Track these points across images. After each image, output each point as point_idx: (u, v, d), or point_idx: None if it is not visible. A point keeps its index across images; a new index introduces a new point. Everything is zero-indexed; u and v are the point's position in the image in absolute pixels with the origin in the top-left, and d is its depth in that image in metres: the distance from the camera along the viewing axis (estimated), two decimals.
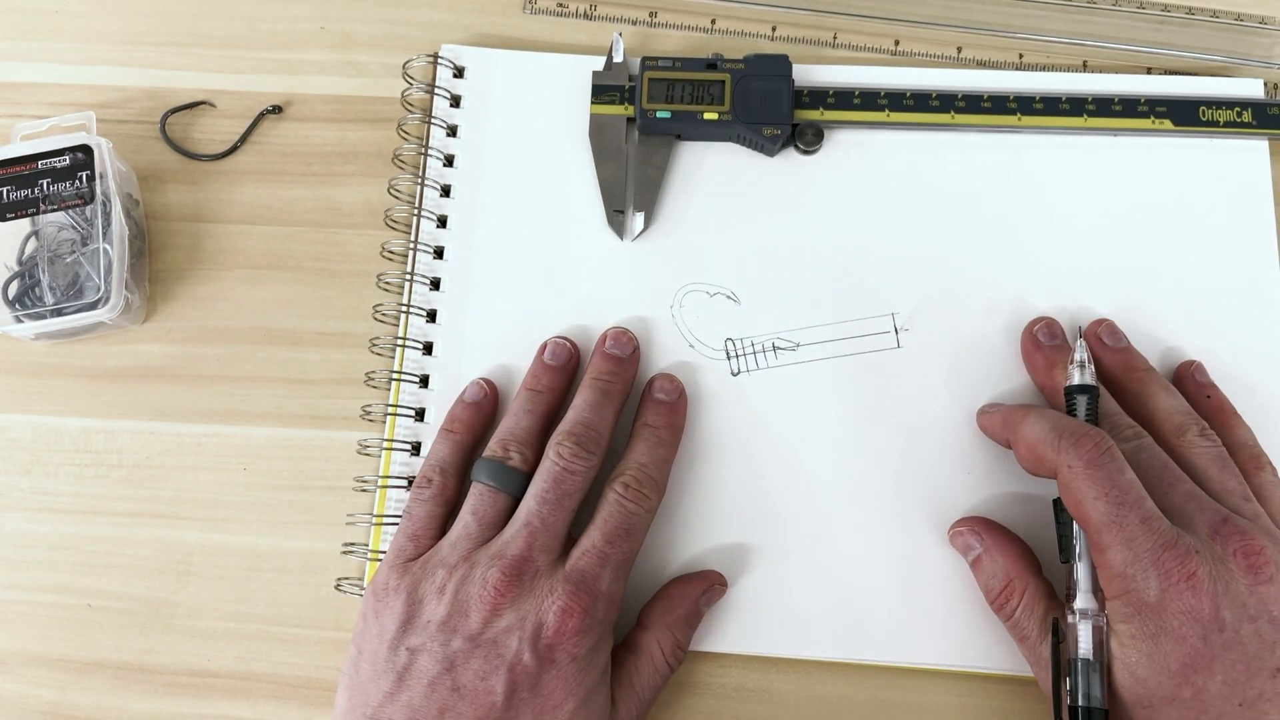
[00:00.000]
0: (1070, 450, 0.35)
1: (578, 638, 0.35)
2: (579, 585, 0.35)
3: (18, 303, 0.43)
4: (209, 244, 0.46)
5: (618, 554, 0.37)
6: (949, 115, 0.45)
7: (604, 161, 0.45)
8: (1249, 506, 0.36)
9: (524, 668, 0.34)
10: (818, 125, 0.45)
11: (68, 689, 0.41)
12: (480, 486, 0.39)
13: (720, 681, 0.40)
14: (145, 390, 0.44)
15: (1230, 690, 0.32)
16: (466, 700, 0.34)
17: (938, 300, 0.44)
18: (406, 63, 0.47)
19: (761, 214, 0.45)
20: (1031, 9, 0.49)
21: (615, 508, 0.38)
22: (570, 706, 0.35)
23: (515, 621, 0.35)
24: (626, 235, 0.45)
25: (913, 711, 0.40)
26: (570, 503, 0.38)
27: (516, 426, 0.40)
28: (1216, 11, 0.49)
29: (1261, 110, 0.46)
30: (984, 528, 0.39)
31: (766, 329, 0.44)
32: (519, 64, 0.48)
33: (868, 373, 0.43)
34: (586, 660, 0.35)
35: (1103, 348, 0.42)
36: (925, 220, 0.45)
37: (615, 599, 0.37)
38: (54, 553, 0.42)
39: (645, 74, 0.46)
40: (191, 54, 0.49)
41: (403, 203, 0.46)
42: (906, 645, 0.40)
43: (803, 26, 0.49)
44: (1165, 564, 0.33)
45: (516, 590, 0.35)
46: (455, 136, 0.47)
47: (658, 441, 0.40)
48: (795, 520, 0.41)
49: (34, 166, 0.44)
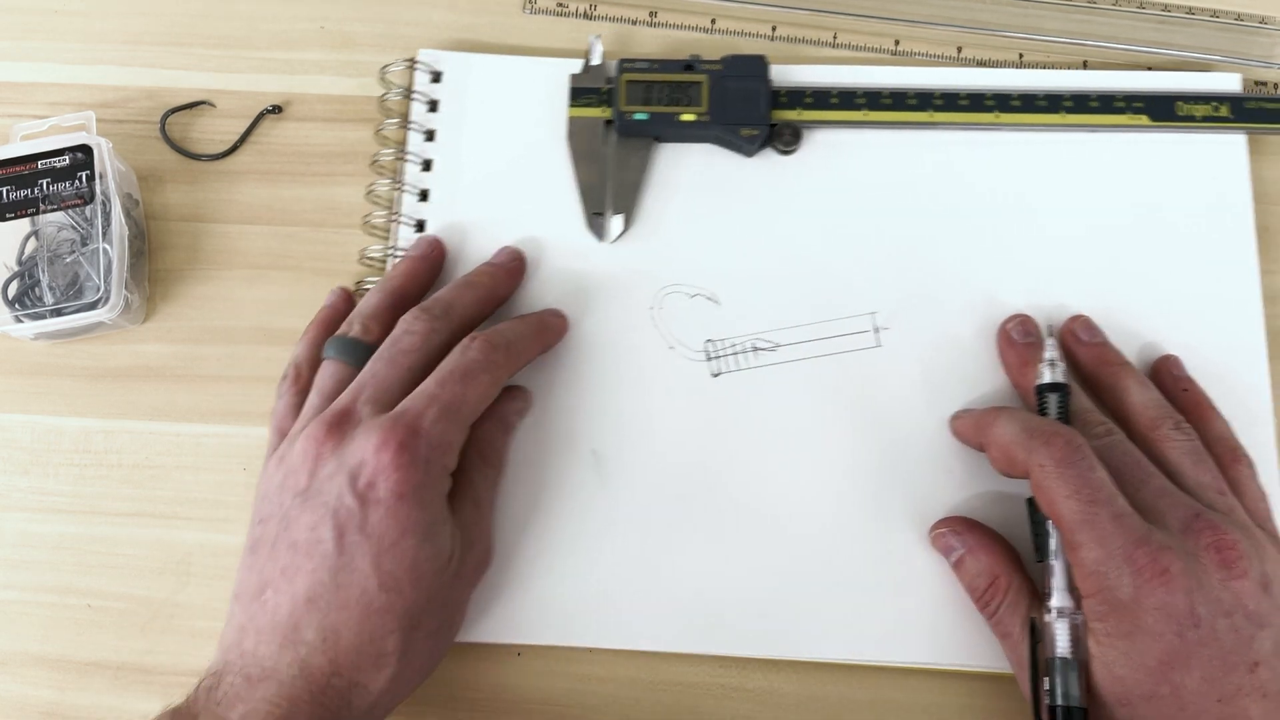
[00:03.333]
0: (1041, 450, 0.35)
1: (397, 474, 0.34)
2: (396, 421, 0.35)
3: (17, 303, 0.43)
4: (209, 244, 0.46)
5: (446, 394, 0.36)
6: (927, 114, 0.45)
7: (582, 164, 0.45)
8: (1223, 500, 0.36)
9: (347, 510, 0.34)
10: (795, 125, 0.45)
11: (68, 689, 0.41)
12: (325, 362, 0.39)
13: (720, 681, 0.40)
14: (145, 390, 0.44)
15: (1208, 686, 0.32)
16: (302, 553, 0.34)
17: (917, 299, 0.44)
18: (384, 67, 0.47)
19: (741, 215, 0.45)
20: (1031, 9, 0.49)
21: (455, 354, 0.38)
22: (410, 543, 0.34)
23: (336, 468, 0.35)
24: (606, 237, 0.45)
25: (913, 711, 0.40)
26: (405, 360, 0.38)
27: (364, 304, 0.41)
28: (1216, 11, 0.49)
29: (1239, 104, 0.45)
30: (964, 527, 0.39)
31: (746, 330, 0.43)
32: (497, 67, 0.47)
33: (848, 373, 0.43)
34: (417, 497, 0.35)
35: (1078, 343, 0.42)
36: (904, 219, 0.45)
37: (444, 440, 0.36)
38: (54, 553, 0.42)
39: (623, 76, 0.45)
40: (191, 54, 0.49)
41: (381, 207, 0.45)
42: (890, 644, 0.40)
43: (803, 26, 0.49)
44: (1138, 561, 0.33)
45: (336, 438, 0.35)
46: (433, 141, 0.46)
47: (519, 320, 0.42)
48: (776, 520, 0.41)
49: (34, 166, 0.44)
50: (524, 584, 0.40)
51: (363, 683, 0.34)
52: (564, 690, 0.40)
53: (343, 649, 0.33)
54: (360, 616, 0.34)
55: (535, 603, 0.40)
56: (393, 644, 0.34)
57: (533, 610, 0.40)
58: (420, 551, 0.35)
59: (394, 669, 0.34)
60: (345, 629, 0.34)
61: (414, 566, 0.34)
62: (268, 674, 0.33)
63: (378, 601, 0.34)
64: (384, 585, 0.34)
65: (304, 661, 0.33)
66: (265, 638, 0.34)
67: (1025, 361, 0.40)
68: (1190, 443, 0.37)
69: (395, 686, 0.35)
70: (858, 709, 0.40)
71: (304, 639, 0.33)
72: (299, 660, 0.33)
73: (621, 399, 0.43)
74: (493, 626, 0.40)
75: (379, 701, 0.34)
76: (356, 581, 0.34)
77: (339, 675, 0.33)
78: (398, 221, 0.45)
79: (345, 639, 0.34)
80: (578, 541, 0.41)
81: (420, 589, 0.35)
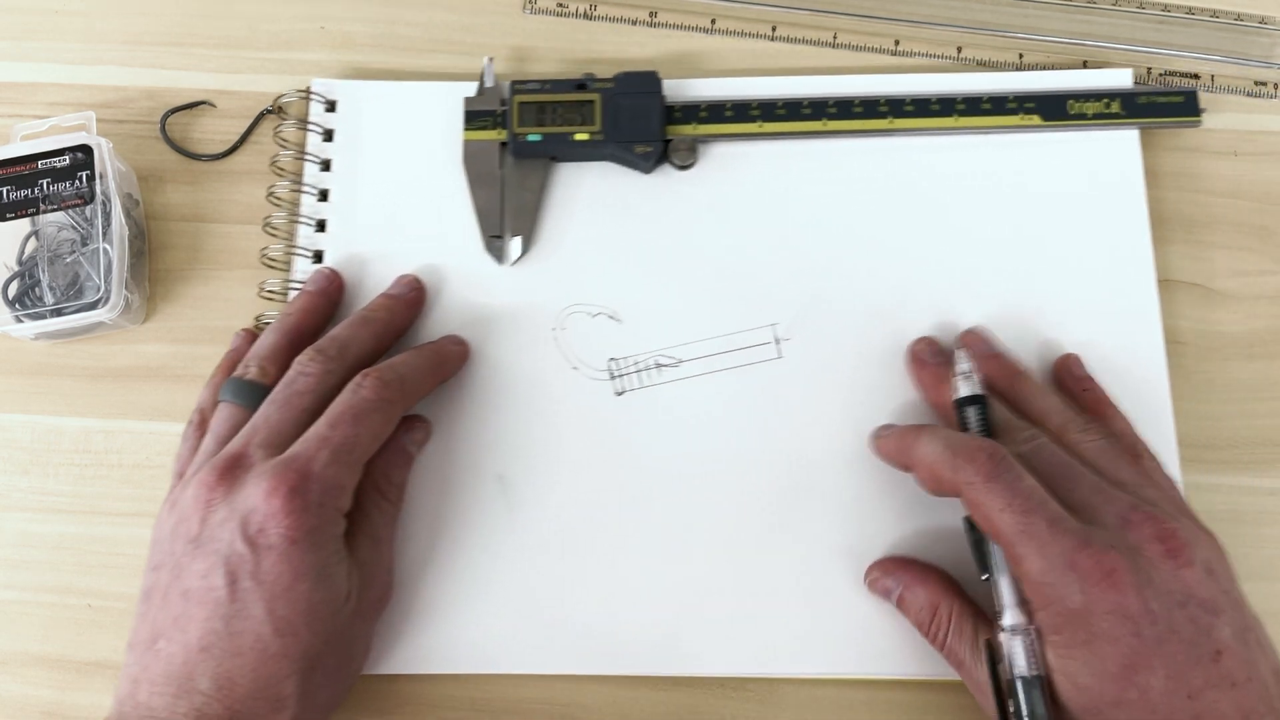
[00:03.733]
0: (966, 467, 0.34)
1: (289, 519, 0.34)
2: (287, 466, 0.35)
3: (18, 303, 0.43)
4: (209, 244, 0.46)
5: (337, 436, 0.36)
6: (821, 122, 0.45)
7: (479, 187, 0.45)
8: (1149, 492, 0.35)
9: (239, 556, 0.34)
10: (690, 140, 0.45)
11: (68, 689, 0.41)
12: (220, 405, 0.39)
13: (720, 681, 0.40)
14: (145, 390, 0.44)
15: (1175, 684, 0.31)
16: (194, 602, 0.34)
17: (818, 308, 0.44)
18: (278, 99, 0.47)
19: (640, 232, 0.45)
20: (1031, 9, 0.49)
21: (346, 394, 0.37)
22: (304, 587, 0.34)
23: (228, 514, 0.34)
24: (505, 260, 0.44)
25: (912, 710, 0.40)
26: (299, 402, 0.37)
27: (260, 345, 0.41)
28: (1216, 11, 0.49)
29: (1130, 100, 0.46)
30: (895, 566, 0.39)
31: (649, 347, 0.43)
32: (391, 94, 0.47)
33: (750, 385, 0.43)
34: (309, 541, 0.34)
35: (980, 358, 0.41)
36: (803, 229, 0.45)
37: (336, 483, 0.36)
38: (54, 553, 0.42)
39: (515, 98, 0.45)
40: (191, 54, 0.49)
41: (279, 240, 0.45)
42: (806, 657, 0.40)
43: (803, 26, 0.49)
44: (1082, 565, 0.32)
45: (227, 484, 0.35)
46: (329, 170, 0.46)
47: (414, 352, 0.41)
48: (686, 537, 0.41)
49: (34, 166, 0.44)
50: (433, 614, 0.40)
51: None
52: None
53: (238, 696, 0.33)
54: (256, 663, 0.33)
55: (445, 632, 0.40)
56: (290, 687, 0.34)
57: (443, 639, 0.40)
58: (315, 594, 0.34)
59: (293, 711, 0.34)
60: (240, 676, 0.33)
61: (309, 609, 0.34)
62: None
63: (273, 647, 0.33)
64: (279, 630, 0.33)
65: (199, 711, 0.33)
66: (159, 688, 0.33)
67: (940, 379, 0.40)
68: (1100, 442, 0.37)
69: None
70: (857, 709, 0.40)
71: (199, 688, 0.33)
72: (194, 710, 0.33)
73: (526, 423, 0.42)
74: (402, 658, 0.40)
75: None
76: (251, 628, 0.33)
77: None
78: (295, 254, 0.45)
79: (241, 686, 0.33)
80: (487, 568, 0.41)
81: (316, 631, 0.34)
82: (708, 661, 0.40)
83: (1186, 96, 0.46)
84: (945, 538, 0.40)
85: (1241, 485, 0.42)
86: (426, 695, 0.40)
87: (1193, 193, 0.46)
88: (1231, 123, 0.47)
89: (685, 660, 0.40)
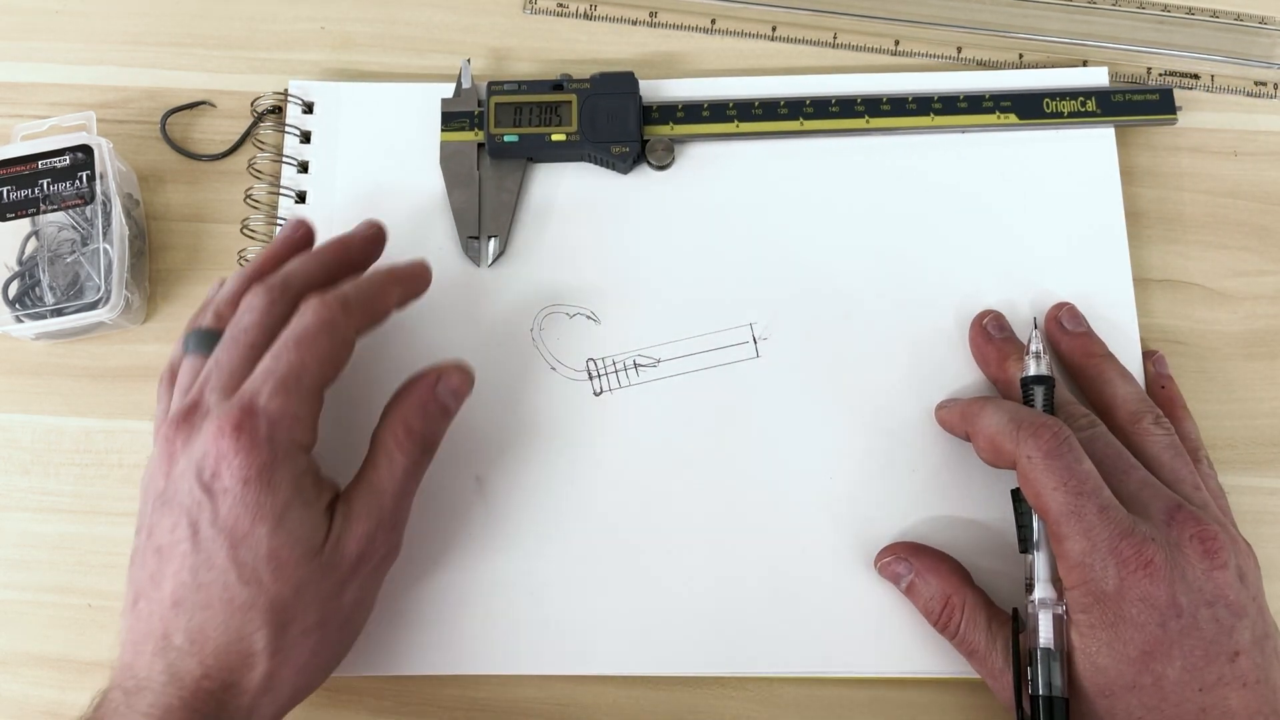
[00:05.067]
0: (1029, 441, 0.35)
1: (238, 458, 0.32)
2: (232, 405, 0.33)
3: (18, 303, 0.43)
4: (209, 244, 0.46)
5: (281, 366, 0.34)
6: (798, 122, 0.45)
7: (456, 189, 0.45)
8: (1199, 495, 0.36)
9: (197, 505, 0.33)
10: (667, 140, 0.45)
11: (68, 689, 0.41)
12: (184, 357, 0.37)
13: (721, 681, 0.40)
14: (145, 390, 0.44)
15: (1189, 676, 0.32)
16: (165, 558, 0.33)
17: (795, 308, 0.44)
18: (254, 100, 0.47)
19: (618, 232, 0.45)
20: (1031, 9, 0.49)
21: (291, 322, 0.35)
22: (263, 531, 0.33)
23: (186, 464, 0.33)
24: (483, 261, 0.44)
25: (912, 710, 0.40)
26: (245, 338, 0.35)
27: (220, 292, 0.39)
28: (1216, 11, 0.49)
29: (1105, 98, 0.46)
30: (909, 552, 0.39)
31: (628, 346, 0.43)
32: (368, 95, 0.47)
33: (729, 384, 0.43)
34: (263, 480, 0.33)
35: (1062, 332, 0.42)
36: (780, 229, 0.45)
37: (286, 413, 0.33)
38: (54, 553, 0.42)
39: (492, 99, 0.45)
40: (191, 54, 0.49)
41: (258, 242, 0.45)
42: (808, 656, 0.39)
43: (803, 27, 0.49)
44: (1123, 552, 0.33)
45: (185, 434, 0.34)
46: (307, 173, 0.46)
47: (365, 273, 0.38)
48: (662, 537, 0.41)
49: (34, 166, 0.44)
50: (409, 614, 0.40)
51: (235, 683, 0.33)
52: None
53: (210, 650, 0.32)
54: (224, 614, 0.32)
55: (421, 632, 0.40)
56: (261, 641, 0.33)
57: (417, 640, 0.40)
58: (275, 538, 0.33)
59: (266, 668, 0.33)
60: (211, 628, 0.32)
61: (271, 554, 0.33)
62: (142, 685, 0.32)
63: (240, 596, 0.32)
64: (243, 578, 0.32)
65: (173, 666, 0.32)
66: (140, 648, 0.33)
67: (1005, 355, 0.41)
68: (1169, 437, 0.38)
69: (273, 685, 0.33)
70: (857, 709, 0.40)
71: (174, 644, 0.32)
72: (169, 666, 0.32)
73: (505, 423, 0.42)
74: (402, 658, 0.40)
75: (256, 703, 0.33)
76: (216, 578, 0.32)
77: (209, 677, 0.32)
78: None
79: (212, 639, 0.32)
80: (464, 569, 0.40)
81: (283, 580, 0.33)
82: (706, 662, 0.40)
83: (1162, 94, 0.46)
84: (928, 538, 0.40)
85: (1241, 485, 0.42)
86: (427, 695, 0.40)
87: (1175, 190, 0.46)
88: (1231, 123, 0.47)
89: (664, 662, 0.40)
